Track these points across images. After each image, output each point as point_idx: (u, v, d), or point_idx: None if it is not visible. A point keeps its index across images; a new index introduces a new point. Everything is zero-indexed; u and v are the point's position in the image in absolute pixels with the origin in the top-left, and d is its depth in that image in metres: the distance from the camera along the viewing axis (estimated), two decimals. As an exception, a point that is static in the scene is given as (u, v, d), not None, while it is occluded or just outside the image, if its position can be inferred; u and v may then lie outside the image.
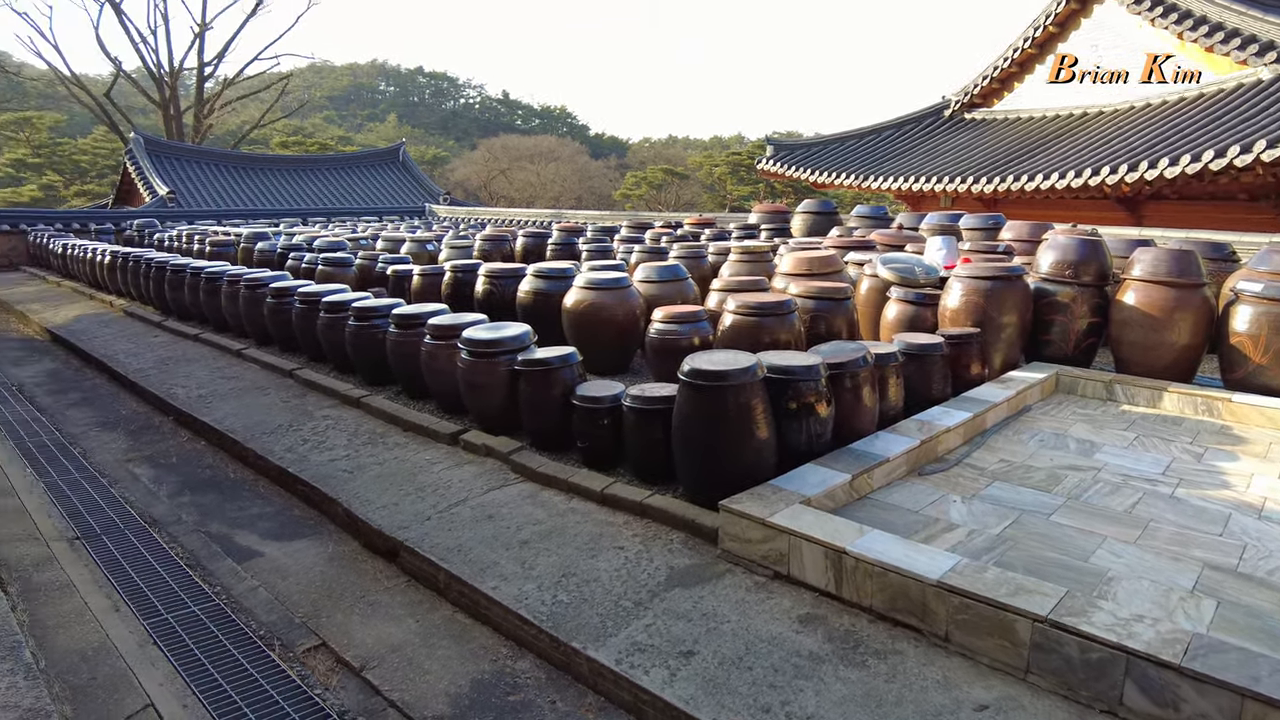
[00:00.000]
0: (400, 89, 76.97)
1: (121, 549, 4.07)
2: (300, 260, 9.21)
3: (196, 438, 5.74)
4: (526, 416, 4.59)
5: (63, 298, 12.12)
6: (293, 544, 4.03)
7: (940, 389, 4.81)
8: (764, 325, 4.77)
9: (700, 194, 47.34)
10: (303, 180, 25.07)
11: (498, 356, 4.66)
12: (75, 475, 5.13)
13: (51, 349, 9.30)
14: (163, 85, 33.96)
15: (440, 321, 5.22)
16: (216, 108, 36.15)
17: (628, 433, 4.03)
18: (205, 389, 6.42)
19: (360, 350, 5.93)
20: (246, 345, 7.51)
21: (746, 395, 3.49)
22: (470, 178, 46.32)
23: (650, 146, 68.54)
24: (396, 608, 3.39)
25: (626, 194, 46.13)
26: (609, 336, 5.83)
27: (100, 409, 6.67)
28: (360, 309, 5.93)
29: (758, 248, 7.42)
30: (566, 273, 6.47)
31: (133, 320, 9.69)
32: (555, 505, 3.91)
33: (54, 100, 44.96)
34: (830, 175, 16.71)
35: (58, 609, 3.48)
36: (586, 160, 54.16)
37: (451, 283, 7.39)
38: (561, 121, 75.78)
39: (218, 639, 3.25)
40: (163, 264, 9.47)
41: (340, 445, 4.92)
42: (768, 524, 3.15)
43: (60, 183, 37.53)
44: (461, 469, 4.42)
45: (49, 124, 39.13)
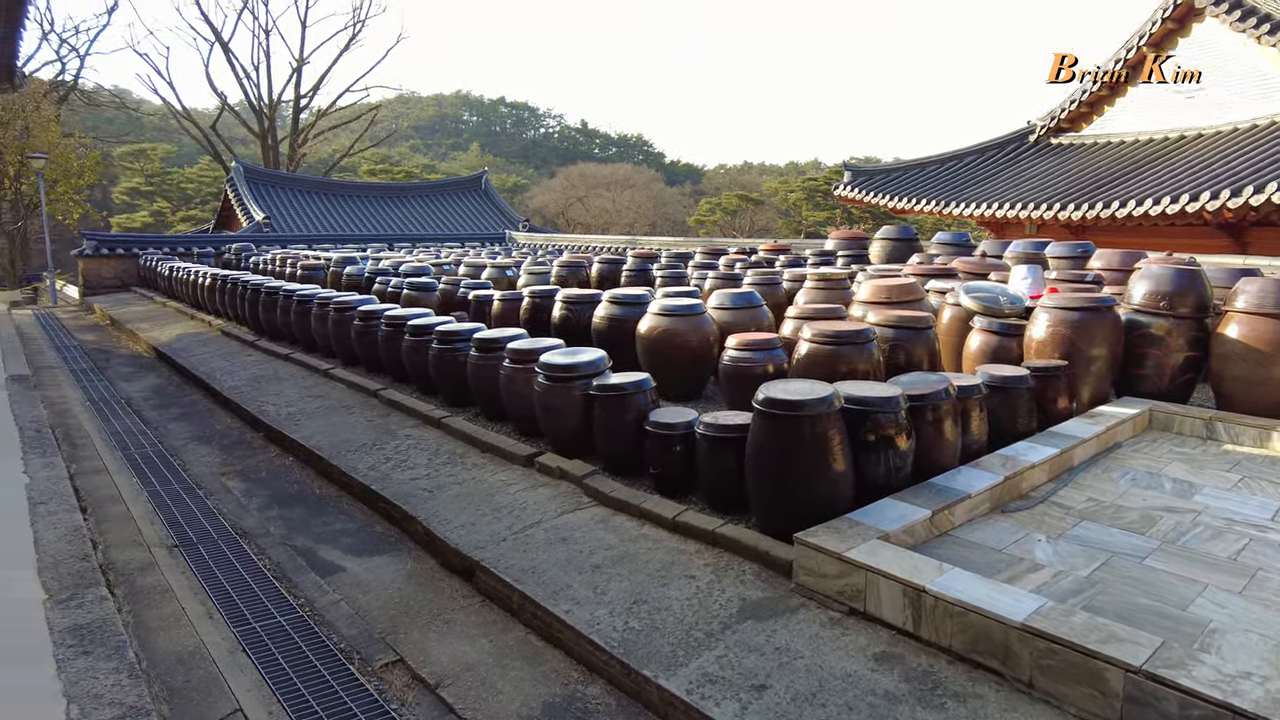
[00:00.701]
0: (483, 119, 79.43)
1: (215, 558, 4.27)
2: (387, 284, 9.55)
3: (285, 454, 5.99)
4: (600, 441, 4.64)
5: (167, 317, 12.86)
6: (373, 560, 4.16)
7: (1025, 423, 4.65)
8: (841, 354, 4.71)
9: (775, 220, 47.16)
10: (389, 207, 26.06)
11: (573, 381, 4.73)
12: (175, 486, 5.42)
13: (156, 365, 9.87)
14: (262, 117, 35.95)
15: (519, 346, 5.33)
16: (310, 137, 38.04)
17: (700, 460, 4.03)
18: (294, 407, 6.70)
19: (442, 372, 6.11)
20: (334, 365, 7.82)
21: (823, 426, 3.45)
22: (548, 205, 47.28)
23: (725, 173, 68.77)
24: (471, 627, 3.46)
25: (701, 220, 46.32)
26: (682, 363, 5.85)
27: (198, 423, 7.04)
28: (443, 332, 6.12)
29: (835, 275, 7.34)
30: (641, 299, 6.53)
31: (229, 339, 10.21)
32: (627, 531, 3.93)
33: (166, 133, 48.08)
34: (910, 201, 16.43)
35: (158, 612, 3.68)
36: (661, 187, 54.65)
37: (530, 308, 7.54)
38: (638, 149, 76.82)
39: (301, 650, 3.37)
40: (257, 286, 9.96)
41: (421, 464, 5.07)
42: (844, 559, 3.09)
43: (168, 209, 40.00)
44: (536, 491, 4.49)
45: (161, 155, 41.85)
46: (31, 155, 19.83)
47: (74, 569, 3.84)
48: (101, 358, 10.52)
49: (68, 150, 26.61)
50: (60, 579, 3.73)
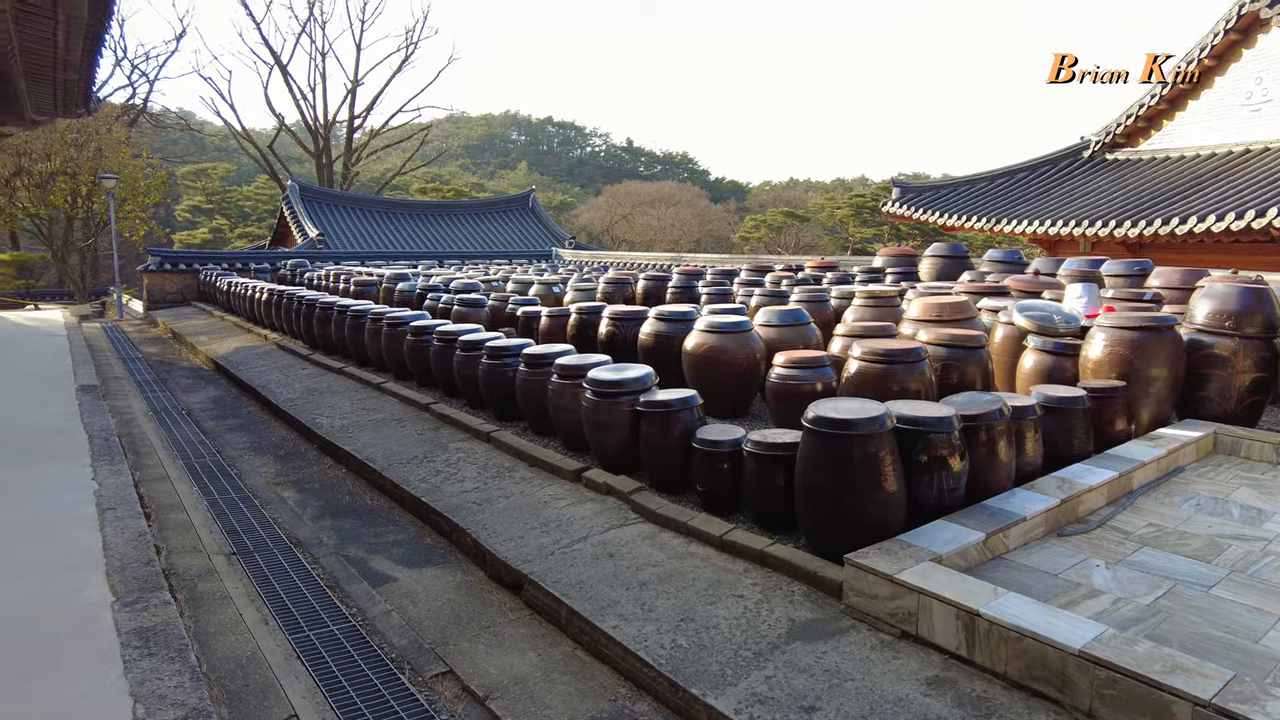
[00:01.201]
0: (531, 138, 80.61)
1: (270, 566, 4.38)
2: (437, 300, 9.73)
3: (338, 465, 6.12)
4: (646, 457, 4.65)
5: (225, 331, 13.27)
6: (424, 571, 4.22)
7: (1081, 445, 4.54)
8: (892, 373, 4.66)
9: (821, 236, 46.85)
10: (439, 224, 26.56)
11: (620, 397, 4.76)
12: (232, 495, 5.58)
13: (215, 377, 10.18)
14: (317, 137, 37.01)
15: (566, 362, 5.39)
16: (363, 156, 39.03)
17: (748, 478, 4.02)
18: (347, 419, 6.85)
19: (491, 387, 6.20)
20: (386, 379, 7.98)
21: (874, 446, 3.42)
22: (594, 222, 47.69)
23: (770, 189, 68.61)
24: (519, 640, 3.48)
25: (745, 237, 46.26)
26: (728, 380, 5.84)
27: (254, 434, 7.23)
28: (492, 348, 6.21)
29: (884, 292, 7.27)
30: (687, 316, 6.55)
31: (284, 353, 10.48)
32: (674, 548, 3.93)
33: (226, 153, 49.78)
34: (959, 218, 16.21)
35: (217, 618, 3.78)
36: (706, 204, 54.76)
37: (577, 324, 7.61)
38: (682, 167, 77.14)
39: (353, 659, 3.44)
40: (312, 301, 10.23)
41: (471, 477, 5.14)
42: (896, 581, 3.05)
43: (226, 226, 41.32)
44: (583, 506, 4.52)
45: (221, 174, 43.34)
46: (103, 175, 20.70)
47: (139, 573, 3.97)
48: (164, 369, 10.89)
49: (136, 170, 27.73)
50: (126, 582, 3.86)
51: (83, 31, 8.32)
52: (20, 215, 26.11)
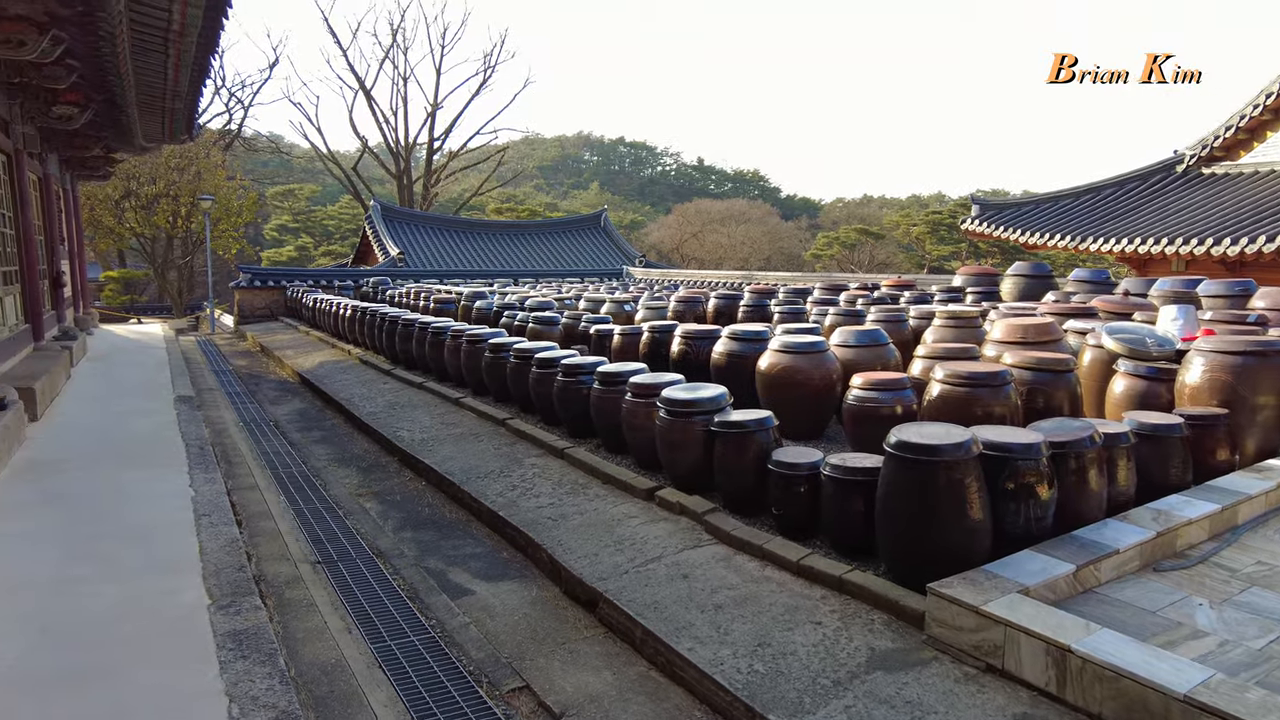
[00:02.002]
0: (603, 158, 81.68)
1: (353, 576, 4.52)
2: (513, 318, 9.92)
3: (418, 478, 6.29)
4: (720, 477, 4.63)
5: (310, 345, 13.80)
6: (500, 585, 4.29)
7: (1179, 475, 4.32)
8: (976, 397, 4.54)
9: (896, 254, 45.98)
10: (514, 243, 27.12)
11: (694, 417, 4.76)
12: (317, 505, 5.78)
13: (300, 390, 10.59)
14: (399, 159, 38.33)
15: (640, 380, 5.42)
16: (442, 177, 40.22)
17: (826, 503, 3.96)
18: (427, 433, 7.03)
19: (566, 404, 6.28)
20: (464, 394, 8.17)
21: (960, 472, 3.33)
22: (664, 241, 47.90)
23: (843, 206, 67.77)
24: (594, 658, 3.50)
25: (817, 254, 45.74)
26: (804, 401, 5.77)
27: (338, 446, 7.49)
28: (567, 365, 6.30)
29: (965, 313, 7.09)
30: (761, 335, 6.52)
31: (366, 368, 10.84)
32: (749, 571, 3.90)
33: (312, 174, 51.97)
34: (1042, 236, 15.69)
35: (303, 624, 3.92)
36: (777, 222, 54.41)
37: (649, 342, 7.65)
38: (753, 185, 76.90)
39: (433, 670, 3.51)
40: (394, 318, 10.56)
41: (546, 493, 5.21)
42: (981, 612, 2.96)
43: (312, 244, 43.03)
44: (656, 525, 4.53)
45: (307, 194, 45.24)
46: (201, 197, 21.91)
47: (232, 578, 4.14)
48: (253, 382, 11.39)
49: (230, 192, 29.22)
50: (221, 586, 4.03)
51: (190, 65, 8.84)
52: (128, 235, 27.83)
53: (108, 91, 10.29)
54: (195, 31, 7.69)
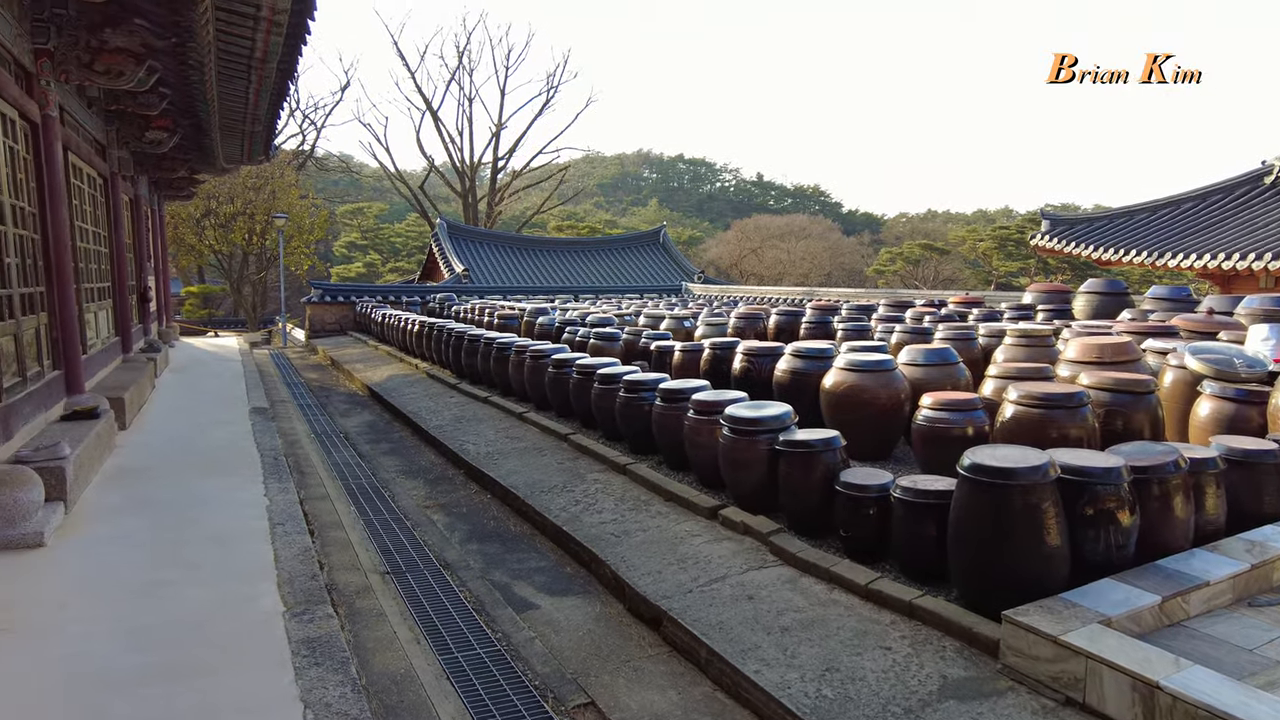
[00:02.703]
0: (662, 175, 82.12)
1: (421, 587, 4.60)
2: (575, 334, 10.03)
3: (483, 490, 6.38)
4: (785, 498, 4.59)
5: (379, 359, 14.17)
6: (565, 600, 4.32)
7: (1273, 504, 4.10)
8: (1051, 419, 4.40)
9: (962, 270, 45.01)
10: (575, 260, 27.44)
11: (758, 435, 4.73)
12: (386, 516, 5.91)
13: (369, 403, 10.88)
14: (464, 178, 39.23)
15: (703, 397, 5.41)
16: (505, 196, 40.99)
17: (896, 525, 3.88)
18: (492, 447, 7.14)
19: (628, 420, 6.31)
20: (527, 409, 8.28)
21: (1036, 497, 3.23)
22: (722, 256, 47.83)
23: (906, 221, 66.74)
24: (659, 676, 3.49)
25: (880, 270, 45.09)
26: (870, 420, 5.68)
27: (405, 458, 7.66)
28: (629, 382, 6.33)
29: (1037, 331, 6.89)
30: (826, 353, 6.45)
31: (433, 381, 11.07)
32: (816, 594, 3.84)
33: (380, 192, 53.54)
34: (1116, 252, 15.17)
35: (373, 634, 4.00)
36: (838, 237, 53.83)
37: (710, 359, 7.64)
38: (814, 200, 76.31)
39: (499, 683, 3.55)
40: (460, 334, 10.78)
41: (608, 509, 5.23)
42: (1060, 642, 2.86)
43: (379, 260, 44.25)
44: (720, 545, 4.50)
45: (375, 212, 46.60)
46: (275, 215, 22.78)
47: (306, 586, 4.26)
48: (323, 395, 11.74)
49: (303, 210, 30.32)
50: (295, 594, 4.15)
51: (270, 90, 9.23)
52: (207, 252, 29.10)
53: (194, 117, 10.81)
54: (276, 58, 8.02)
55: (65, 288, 7.38)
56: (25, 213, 6.75)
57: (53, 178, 7.24)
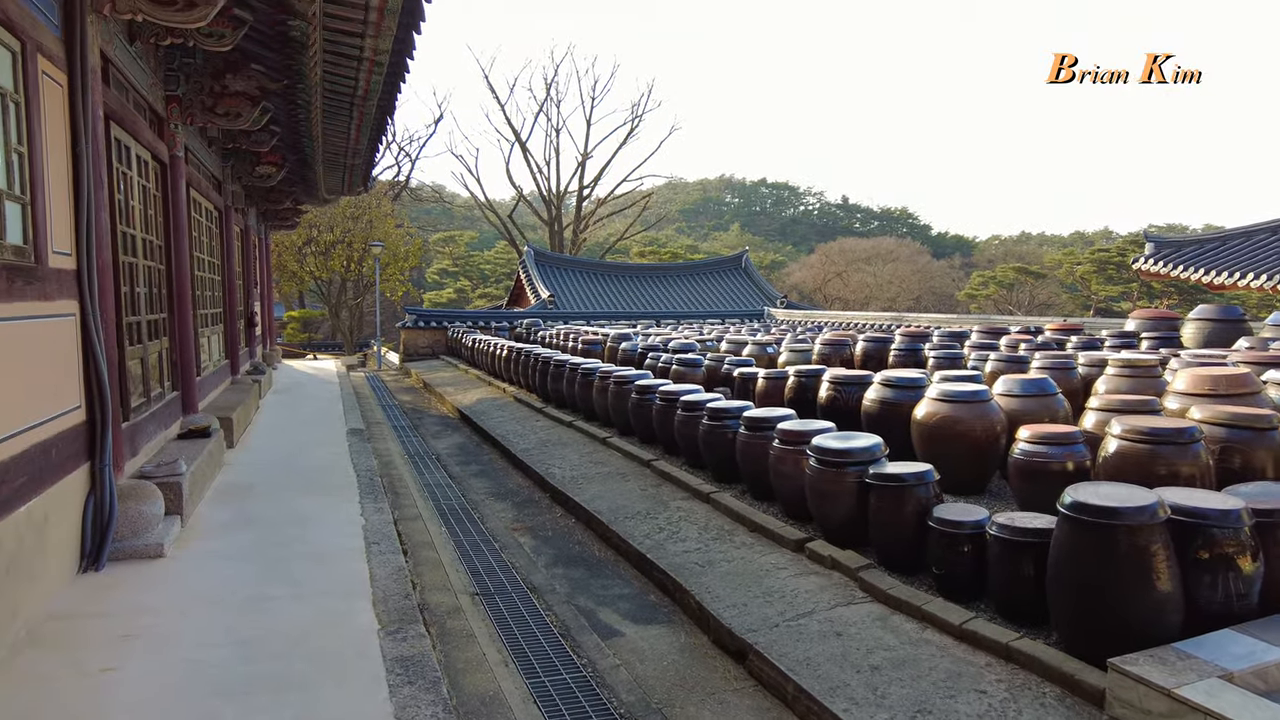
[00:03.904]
0: (744, 200, 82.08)
1: (509, 609, 4.69)
2: (657, 360, 10.10)
3: (568, 515, 6.47)
4: (875, 532, 4.49)
5: (469, 383, 14.57)
6: (649, 629, 4.33)
7: None
8: (1160, 455, 4.18)
9: (1058, 294, 43.27)
10: (657, 285, 27.65)
11: (847, 467, 4.65)
12: (475, 537, 6.06)
13: (460, 426, 11.19)
14: (550, 206, 40.17)
15: (789, 427, 5.36)
16: (590, 223, 41.73)
17: (992, 564, 3.75)
18: (577, 471, 7.24)
19: (711, 447, 6.30)
20: (611, 434, 8.36)
21: (1144, 538, 3.07)
22: (806, 281, 47.34)
23: (999, 244, 64.69)
24: (744, 712, 3.46)
25: (972, 294, 43.76)
26: (964, 453, 5.51)
27: (494, 480, 7.84)
28: (713, 409, 6.33)
29: (1142, 360, 6.55)
30: (917, 382, 6.29)
31: (520, 405, 11.31)
32: (907, 632, 3.74)
33: (471, 221, 55.30)
34: (1231, 275, 14.29)
35: (464, 654, 4.10)
36: (927, 260, 52.58)
37: (795, 387, 7.56)
38: (901, 222, 74.80)
39: (585, 710, 3.57)
40: (546, 359, 11.00)
41: (692, 538, 5.22)
42: (1175, 696, 2.69)
43: (469, 286, 45.62)
44: (807, 578, 4.43)
45: (466, 240, 48.19)
46: (372, 244, 23.81)
47: (399, 605, 4.41)
48: (416, 417, 12.14)
49: (398, 238, 31.60)
50: (389, 612, 4.30)
51: (370, 126, 9.72)
52: (308, 278, 30.63)
53: (300, 152, 11.47)
54: (376, 96, 8.45)
55: (185, 314, 7.90)
56: (153, 245, 7.28)
57: (177, 213, 7.79)
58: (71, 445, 4.63)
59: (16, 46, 4.11)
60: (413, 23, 6.34)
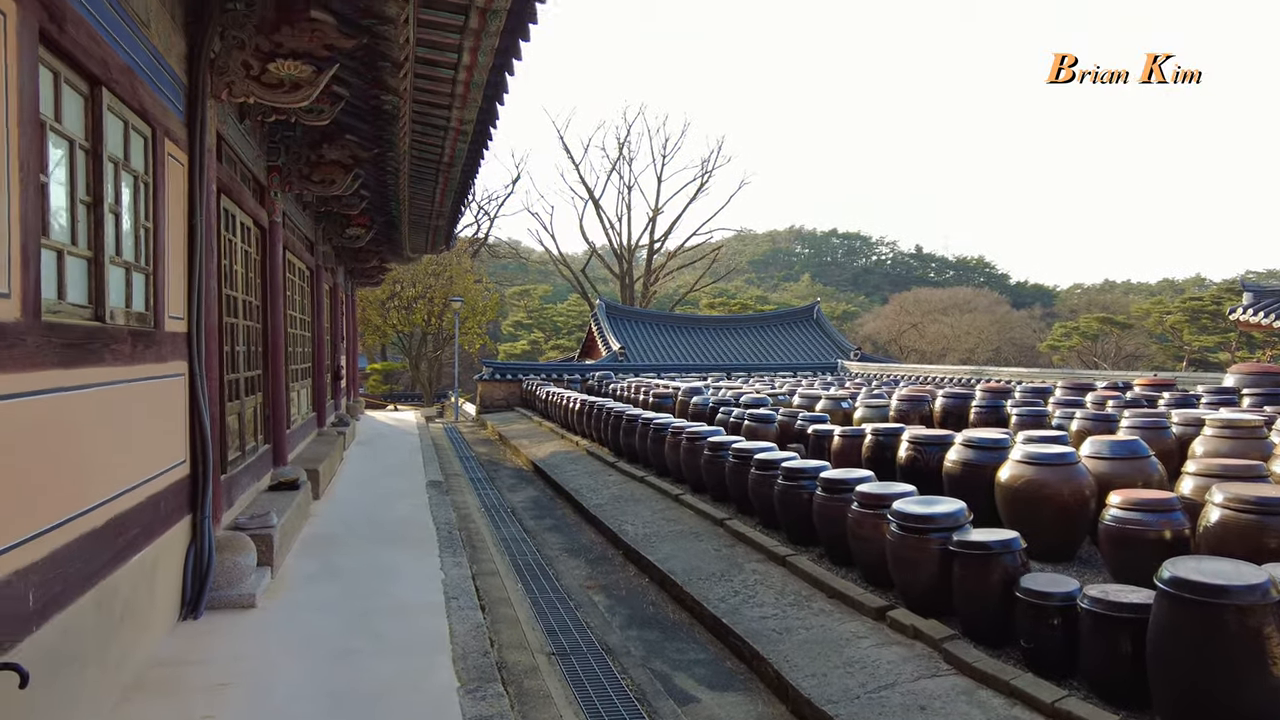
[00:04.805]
0: (814, 250, 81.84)
1: (584, 671, 4.69)
2: (729, 415, 10.08)
3: (642, 574, 6.47)
4: (959, 601, 4.35)
5: (543, 436, 14.78)
6: (726, 695, 4.27)
7: None
8: (1269, 527, 3.95)
9: (1147, 344, 41.42)
10: (727, 337, 27.67)
11: (930, 533, 4.55)
12: (550, 594, 6.10)
13: (534, 478, 11.34)
14: (622, 260, 40.89)
15: (868, 489, 5.28)
16: (660, 276, 42.25)
17: (1085, 639, 3.59)
18: (650, 529, 7.25)
19: (787, 508, 6.23)
20: (683, 491, 8.35)
21: (1256, 620, 2.91)
22: (879, 331, 46.62)
23: (1082, 293, 62.62)
24: (826, 787, 3.37)
25: (1054, 345, 42.31)
26: (1050, 519, 5.31)
27: (567, 535, 7.90)
28: (789, 469, 6.28)
29: (1245, 421, 6.24)
30: (1000, 443, 6.12)
31: (593, 459, 11.41)
32: (995, 709, 3.59)
33: (544, 274, 56.62)
34: (1343, 329, 13.49)
35: (540, 716, 4.11)
36: (1006, 310, 51.22)
37: (872, 446, 7.44)
38: (977, 271, 73.28)
39: (662, 777, 3.54)
40: (619, 413, 11.10)
41: (769, 603, 5.15)
42: (1295, 793, 2.52)
43: (542, 338, 46.51)
44: (889, 649, 4.32)
45: (539, 293, 49.35)
46: (452, 299, 24.63)
47: (478, 663, 4.47)
48: (492, 469, 12.36)
49: (476, 293, 32.61)
50: (468, 670, 4.36)
51: (455, 189, 10.17)
52: (390, 332, 31.79)
53: (387, 214, 12.05)
54: (461, 162, 8.86)
55: (278, 370, 8.31)
56: (252, 306, 7.73)
57: (274, 275, 8.27)
58: (177, 498, 4.90)
59: (148, 132, 4.51)
60: (496, 95, 6.68)
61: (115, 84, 3.94)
